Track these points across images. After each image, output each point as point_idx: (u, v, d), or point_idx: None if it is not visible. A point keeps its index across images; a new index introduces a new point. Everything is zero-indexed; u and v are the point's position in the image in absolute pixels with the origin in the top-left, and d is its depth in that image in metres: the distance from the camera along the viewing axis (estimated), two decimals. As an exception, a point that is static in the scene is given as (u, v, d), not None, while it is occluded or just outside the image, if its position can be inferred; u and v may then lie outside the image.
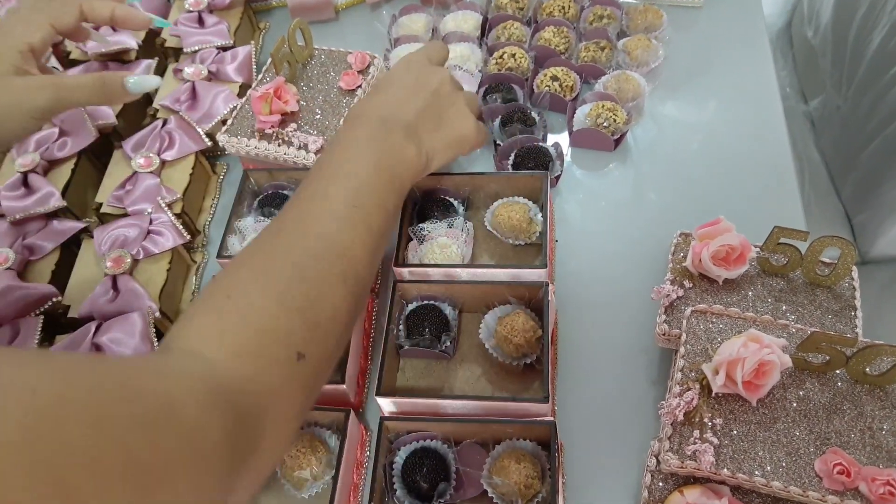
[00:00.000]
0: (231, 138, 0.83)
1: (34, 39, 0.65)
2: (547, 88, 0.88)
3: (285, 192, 0.80)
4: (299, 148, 0.81)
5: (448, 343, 0.68)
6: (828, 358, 0.57)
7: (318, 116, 0.84)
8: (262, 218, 0.77)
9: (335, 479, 0.60)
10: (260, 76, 0.88)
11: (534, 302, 0.69)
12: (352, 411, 0.65)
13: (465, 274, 0.71)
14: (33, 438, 0.28)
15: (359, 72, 0.87)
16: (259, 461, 0.43)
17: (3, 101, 0.62)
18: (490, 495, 0.60)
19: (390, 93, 0.66)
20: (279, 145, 0.81)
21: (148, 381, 0.37)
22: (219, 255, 0.73)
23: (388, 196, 0.60)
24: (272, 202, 0.79)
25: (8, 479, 0.26)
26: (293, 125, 0.83)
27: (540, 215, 0.75)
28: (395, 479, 0.61)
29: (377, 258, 0.58)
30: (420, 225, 0.75)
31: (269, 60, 0.87)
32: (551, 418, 0.61)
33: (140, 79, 0.68)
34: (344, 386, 0.65)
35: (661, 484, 0.59)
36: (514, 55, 0.91)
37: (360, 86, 0.86)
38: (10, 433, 0.27)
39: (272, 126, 0.82)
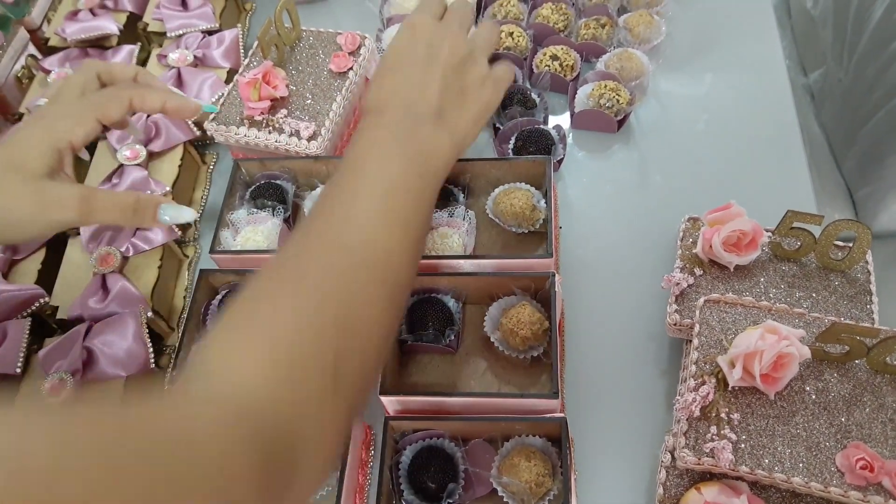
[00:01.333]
0: (219, 126, 0.79)
1: (77, 137, 0.59)
2: (547, 68, 0.85)
3: (278, 182, 0.77)
4: (291, 135, 0.78)
5: (452, 337, 0.66)
6: (847, 348, 0.55)
7: (308, 101, 0.80)
8: (255, 210, 0.74)
9: (340, 480, 0.58)
10: (247, 61, 0.84)
11: (540, 293, 0.67)
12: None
13: (467, 265, 0.68)
14: (29, 490, 0.25)
15: (349, 53, 0.84)
16: (302, 482, 0.39)
17: (29, 209, 0.56)
18: (500, 494, 0.58)
19: (405, 73, 0.60)
20: (270, 132, 0.78)
21: (160, 412, 0.34)
22: (212, 250, 0.71)
23: (423, 193, 0.54)
24: (265, 193, 0.76)
25: None
26: (283, 111, 0.79)
27: (543, 202, 0.72)
28: (402, 480, 0.60)
29: (416, 258, 0.54)
30: None
31: (256, 44, 0.83)
32: (562, 414, 0.59)
33: (174, 210, 0.63)
34: None
35: (676, 480, 0.57)
36: (511, 34, 0.87)
37: (350, 68, 0.83)
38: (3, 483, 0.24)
39: (262, 113, 0.79)
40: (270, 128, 0.78)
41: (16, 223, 0.57)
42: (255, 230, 0.72)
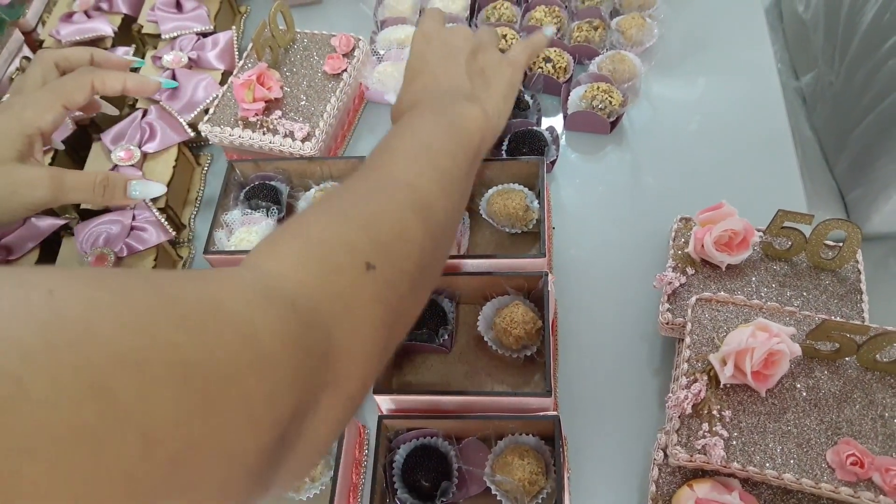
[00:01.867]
0: (214, 128, 0.80)
1: (44, 123, 0.63)
2: (540, 70, 0.86)
3: (272, 182, 0.77)
4: (285, 136, 0.78)
5: (446, 336, 0.66)
6: (837, 346, 0.56)
7: (303, 103, 0.81)
8: (249, 210, 0.74)
9: (334, 479, 0.59)
10: (241, 62, 0.85)
11: (533, 292, 0.67)
12: None
13: (461, 265, 0.69)
14: (59, 344, 0.23)
15: (343, 55, 0.84)
16: (340, 378, 0.38)
17: (1, 190, 0.60)
18: (494, 493, 0.58)
19: (429, 70, 0.64)
20: (264, 133, 0.78)
21: (190, 285, 0.32)
22: (206, 251, 0.71)
23: (459, 158, 0.56)
24: (259, 194, 0.76)
25: (36, 388, 0.22)
26: (278, 112, 0.80)
27: (536, 202, 0.72)
28: (396, 479, 0.60)
29: (451, 202, 0.53)
30: None
31: (251, 46, 0.84)
32: (555, 413, 0.60)
33: (143, 185, 0.67)
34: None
35: (668, 477, 0.58)
36: (504, 36, 0.88)
37: (345, 69, 0.83)
38: (31, 340, 0.23)
39: (256, 114, 0.79)
40: (265, 129, 0.78)
41: None
42: (249, 231, 0.72)
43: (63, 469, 0.22)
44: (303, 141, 0.77)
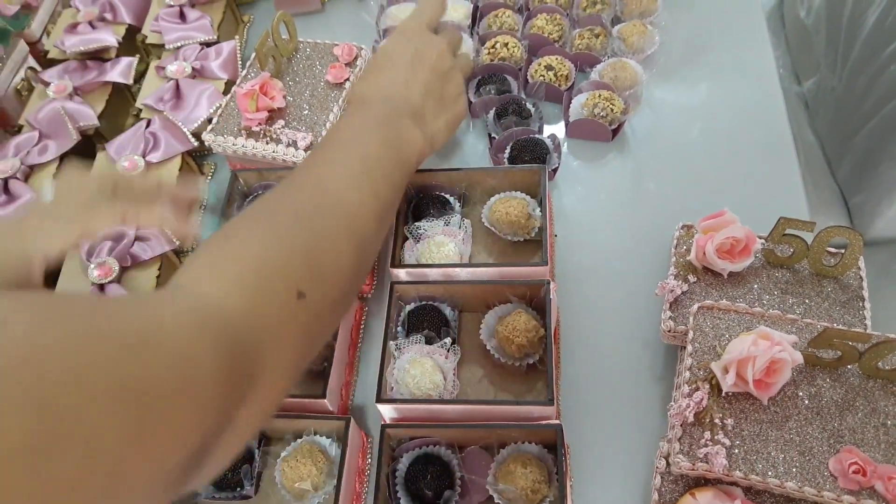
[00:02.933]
0: (217, 137, 0.80)
1: (54, 251, 0.56)
2: (542, 78, 0.86)
3: None
4: (288, 145, 0.78)
5: (448, 341, 0.67)
6: (839, 353, 0.56)
7: (305, 112, 0.81)
8: None
9: (337, 488, 0.59)
10: (244, 72, 0.85)
11: (535, 301, 0.67)
12: (352, 419, 0.63)
13: (463, 273, 0.69)
14: (9, 367, 0.25)
15: (346, 64, 0.85)
16: (259, 397, 0.40)
17: None
18: (497, 501, 0.58)
19: (392, 72, 0.66)
20: (267, 143, 0.79)
21: (131, 309, 0.34)
22: None
23: (395, 172, 0.59)
24: None
25: None
26: (281, 122, 0.80)
27: (538, 210, 0.73)
28: (399, 488, 0.60)
29: (382, 230, 0.57)
30: (416, 223, 0.73)
31: (254, 56, 0.84)
32: (557, 421, 0.60)
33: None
34: (325, 400, 0.63)
35: (671, 485, 0.58)
36: (506, 44, 0.88)
37: (347, 79, 0.84)
38: None
39: (259, 123, 0.80)
40: (268, 138, 0.79)
41: None
42: None
43: (9, 482, 0.23)
44: (305, 150, 0.78)
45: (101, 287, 0.70)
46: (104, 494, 0.28)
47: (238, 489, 0.63)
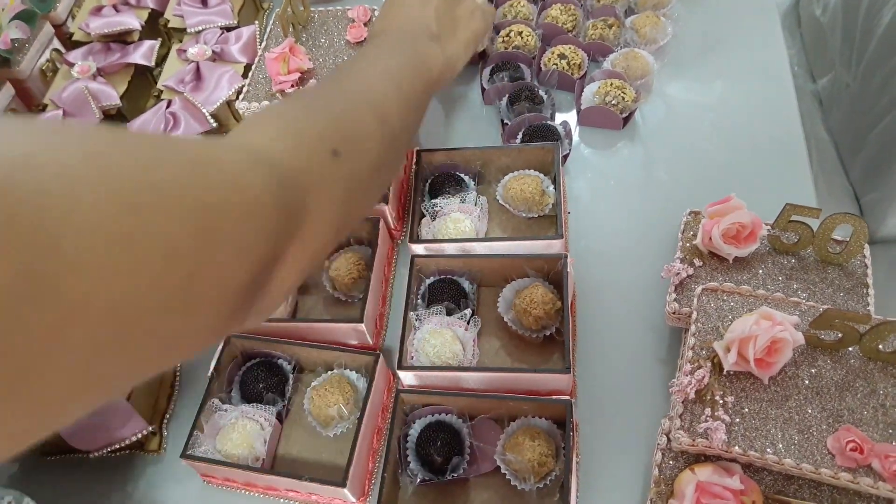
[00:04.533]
0: (252, 104, 0.84)
1: None
2: (555, 66, 0.87)
3: None
4: None
5: (468, 312, 0.68)
6: (840, 335, 0.57)
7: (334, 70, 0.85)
8: None
9: (360, 418, 0.62)
10: (264, 44, 0.90)
11: (552, 274, 0.69)
12: (381, 355, 0.66)
13: (480, 248, 0.71)
14: (99, 169, 0.27)
15: (364, 24, 0.89)
16: (307, 238, 0.43)
17: None
18: (503, 471, 0.60)
19: (405, 4, 0.71)
20: None
21: (190, 141, 0.37)
22: None
23: (416, 79, 0.62)
24: None
25: (82, 204, 0.25)
26: (312, 81, 0.84)
27: (552, 187, 0.74)
28: (410, 452, 0.62)
29: (407, 120, 0.60)
30: (433, 201, 0.74)
31: (270, 28, 0.90)
32: (567, 397, 0.61)
33: None
34: (362, 325, 0.67)
35: (671, 462, 0.59)
36: (521, 33, 0.89)
37: (367, 37, 0.87)
38: (78, 168, 0.26)
39: (293, 84, 0.83)
40: None
41: None
42: None
43: (102, 279, 0.25)
44: None
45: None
46: (179, 303, 0.30)
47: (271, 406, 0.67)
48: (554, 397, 0.61)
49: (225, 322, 0.36)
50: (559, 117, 0.86)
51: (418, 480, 0.60)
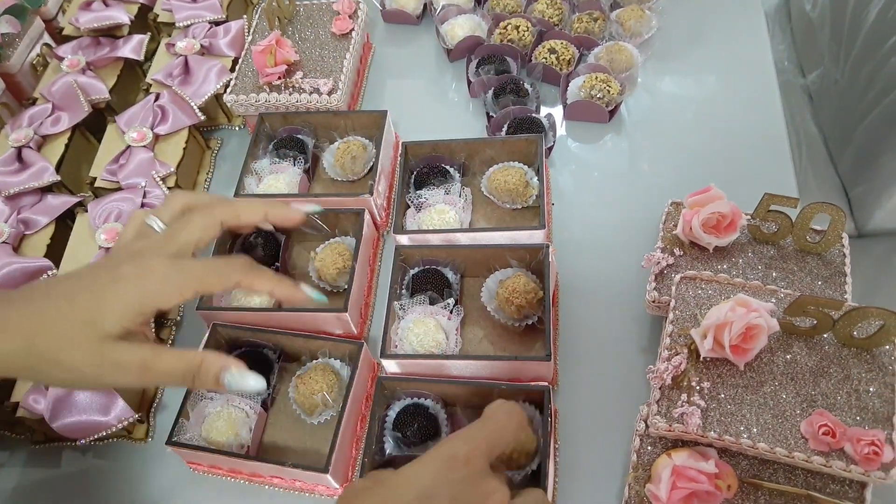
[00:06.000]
0: (239, 97, 0.84)
1: (170, 304, 0.51)
2: (544, 61, 0.88)
3: (299, 135, 0.83)
4: (311, 93, 0.83)
5: (451, 302, 0.69)
6: (815, 321, 0.57)
7: (320, 62, 0.87)
8: (277, 160, 0.80)
9: (343, 406, 0.63)
10: (249, 38, 0.91)
11: (534, 264, 0.69)
12: (364, 344, 0.67)
13: (464, 238, 0.71)
14: None
15: (349, 16, 0.90)
16: None
17: (87, 369, 0.49)
18: None
19: None
20: (291, 93, 0.84)
21: None
22: (236, 193, 0.78)
23: None
24: (286, 145, 0.82)
25: None
26: (299, 73, 0.85)
27: (536, 178, 0.75)
28: (386, 433, 0.63)
29: None
30: (417, 192, 0.75)
31: (256, 22, 0.91)
32: (545, 384, 0.62)
33: (240, 377, 0.51)
34: (346, 314, 0.68)
35: (649, 448, 0.59)
36: (518, 27, 0.90)
37: (352, 28, 0.89)
38: None
39: (279, 77, 0.84)
40: (290, 89, 0.84)
41: (71, 381, 0.51)
42: (277, 178, 0.79)
43: None
44: (329, 94, 0.83)
45: (108, 251, 0.73)
46: None
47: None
48: (532, 384, 0.62)
49: None
50: (544, 110, 0.87)
51: (385, 455, 0.61)
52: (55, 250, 0.77)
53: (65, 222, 0.80)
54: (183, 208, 0.56)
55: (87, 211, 0.78)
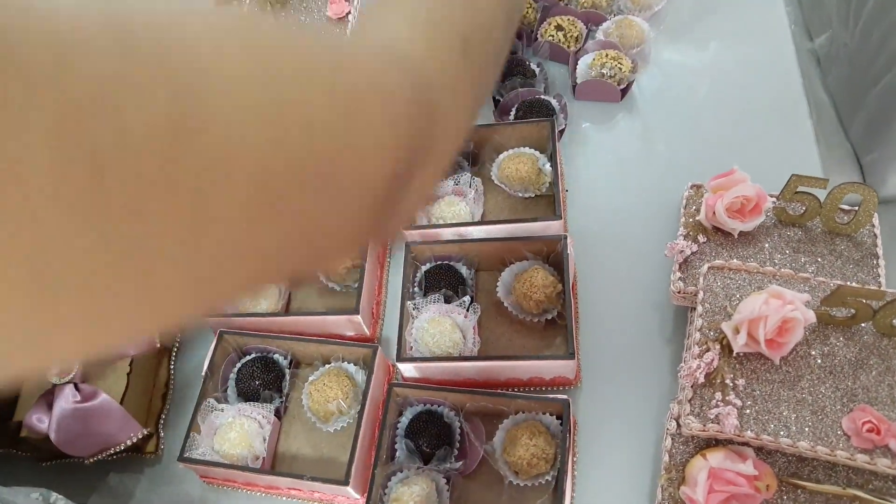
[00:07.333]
0: None
1: None
2: (550, 38, 0.84)
3: None
4: None
5: (466, 299, 0.66)
6: (853, 311, 0.55)
7: None
8: None
9: (360, 413, 0.60)
10: None
11: (551, 256, 0.67)
12: (379, 347, 0.64)
13: (477, 231, 0.68)
14: (246, 28, 0.27)
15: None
16: (438, 142, 0.41)
17: None
18: (498, 464, 0.59)
19: None
20: None
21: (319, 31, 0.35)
22: None
23: None
24: None
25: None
26: None
27: (548, 165, 0.72)
28: (398, 441, 0.61)
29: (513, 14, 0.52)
30: None
31: (248, 5, 0.87)
32: (564, 397, 0.59)
33: None
34: (358, 316, 0.65)
35: (681, 447, 0.57)
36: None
37: (349, 12, 0.85)
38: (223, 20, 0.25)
39: None
40: None
41: None
42: None
43: (246, 140, 0.24)
44: None
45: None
46: (323, 184, 0.29)
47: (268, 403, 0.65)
48: (550, 396, 0.59)
49: (367, 222, 0.34)
50: (553, 91, 0.83)
51: (400, 472, 0.59)
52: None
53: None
54: None
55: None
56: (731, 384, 0.55)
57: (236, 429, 0.62)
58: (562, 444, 0.57)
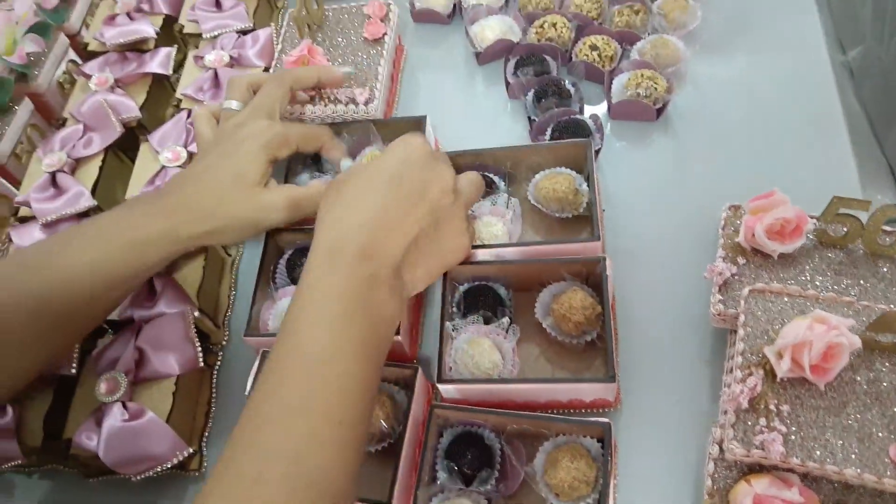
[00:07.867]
0: None
1: (282, 156, 0.69)
2: (585, 58, 0.85)
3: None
4: (347, 103, 0.81)
5: (505, 320, 0.67)
6: (899, 337, 0.54)
7: (354, 70, 0.83)
8: (317, 173, 0.78)
9: (402, 433, 0.61)
10: (279, 46, 0.88)
11: (590, 277, 0.67)
12: (419, 368, 0.65)
13: (514, 253, 0.69)
14: None
15: (380, 20, 0.87)
16: None
17: (250, 214, 0.65)
18: (539, 487, 0.59)
19: (377, 207, 0.54)
20: (326, 105, 0.81)
21: None
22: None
23: (373, 382, 0.53)
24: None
25: None
26: None
27: (585, 185, 0.72)
28: (438, 462, 0.61)
29: (355, 473, 0.50)
30: None
31: (285, 30, 0.89)
32: (606, 420, 0.59)
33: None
34: (399, 337, 0.65)
35: (724, 472, 0.57)
36: (554, 24, 0.86)
37: (385, 33, 0.86)
38: None
39: (314, 88, 0.82)
40: (326, 101, 0.81)
41: (238, 228, 0.66)
42: None
43: None
44: (366, 104, 0.80)
45: (151, 280, 0.71)
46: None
47: None
48: (592, 420, 0.60)
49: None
50: (588, 111, 0.84)
51: (441, 493, 0.59)
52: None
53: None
54: (248, 87, 0.73)
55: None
56: (776, 409, 0.54)
57: (279, 448, 0.63)
58: (603, 468, 0.57)
